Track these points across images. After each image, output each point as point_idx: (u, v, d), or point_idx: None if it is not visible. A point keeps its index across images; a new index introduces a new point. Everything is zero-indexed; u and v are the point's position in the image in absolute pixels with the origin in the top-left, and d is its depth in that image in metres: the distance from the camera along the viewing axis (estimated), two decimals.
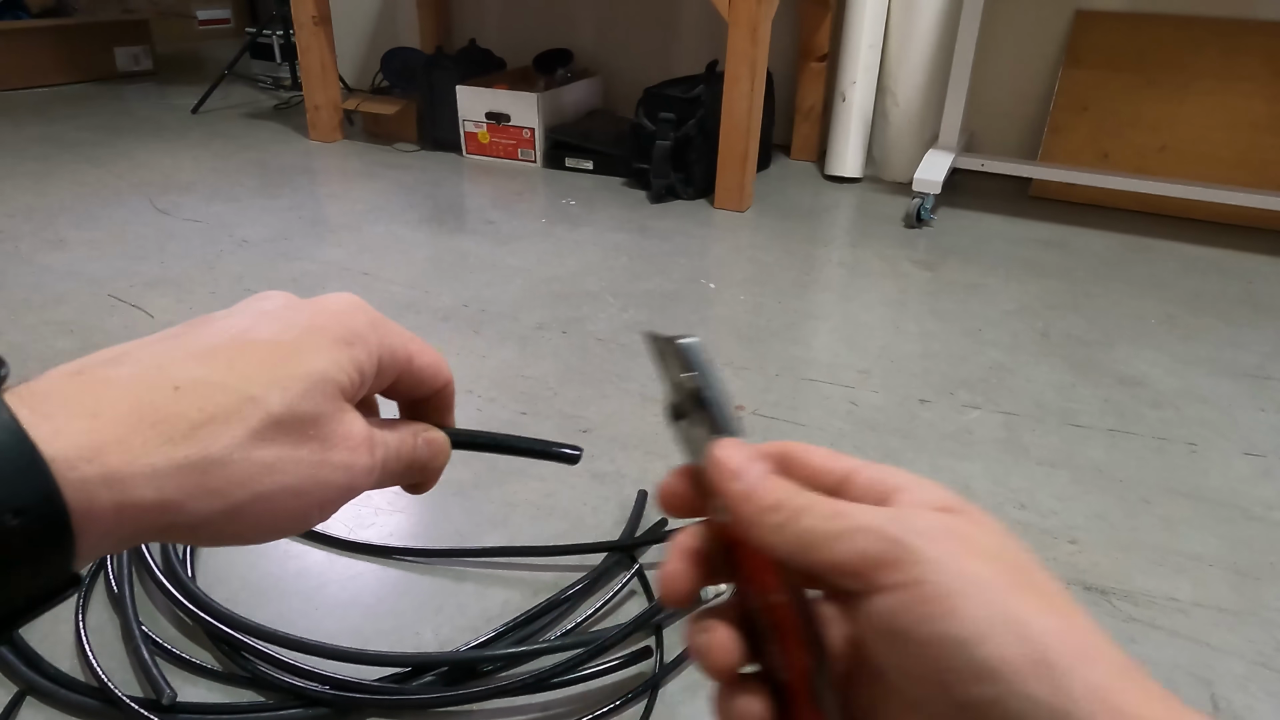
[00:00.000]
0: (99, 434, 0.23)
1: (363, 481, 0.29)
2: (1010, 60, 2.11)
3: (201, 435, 0.24)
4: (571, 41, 2.55)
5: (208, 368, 0.25)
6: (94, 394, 0.23)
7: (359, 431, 0.28)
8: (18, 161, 2.10)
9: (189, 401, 0.24)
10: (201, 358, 0.26)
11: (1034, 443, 1.06)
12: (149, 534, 0.24)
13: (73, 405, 0.23)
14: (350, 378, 0.28)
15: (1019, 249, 1.73)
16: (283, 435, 0.25)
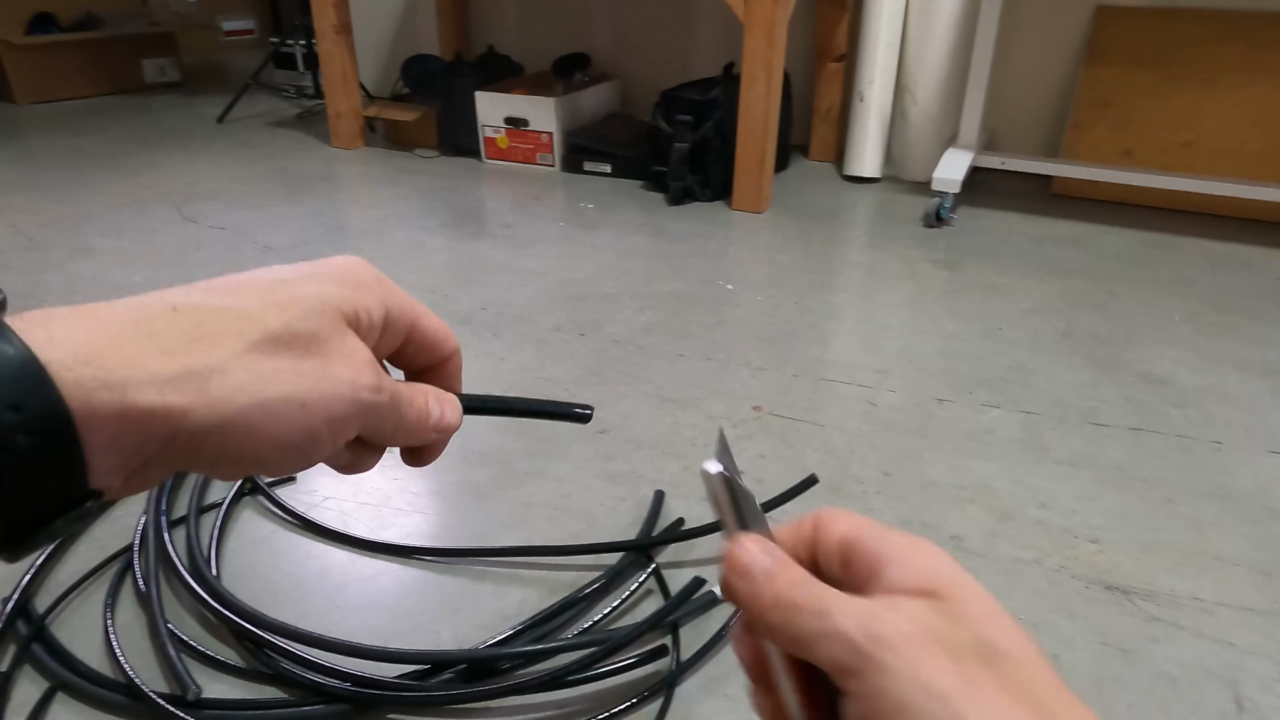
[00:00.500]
0: (95, 342, 0.23)
1: (370, 399, 0.28)
2: (1031, 57, 2.09)
3: (199, 346, 0.24)
4: (589, 46, 2.56)
5: (206, 296, 0.26)
6: (91, 312, 0.24)
7: (364, 353, 0.28)
8: (49, 172, 2.14)
9: (187, 318, 0.25)
10: (202, 290, 0.26)
11: (1055, 442, 1.05)
12: (155, 446, 0.24)
13: (70, 319, 0.23)
14: (354, 309, 0.28)
15: (1040, 247, 1.71)
16: (282, 349, 0.26)
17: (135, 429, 0.23)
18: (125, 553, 0.84)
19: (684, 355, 1.27)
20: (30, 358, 0.21)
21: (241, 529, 0.90)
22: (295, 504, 0.92)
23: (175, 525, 0.88)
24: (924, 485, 0.97)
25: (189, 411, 0.24)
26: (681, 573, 0.84)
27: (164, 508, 0.89)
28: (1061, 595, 0.81)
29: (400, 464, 0.97)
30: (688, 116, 1.92)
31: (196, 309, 0.25)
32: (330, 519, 0.91)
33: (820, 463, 1.01)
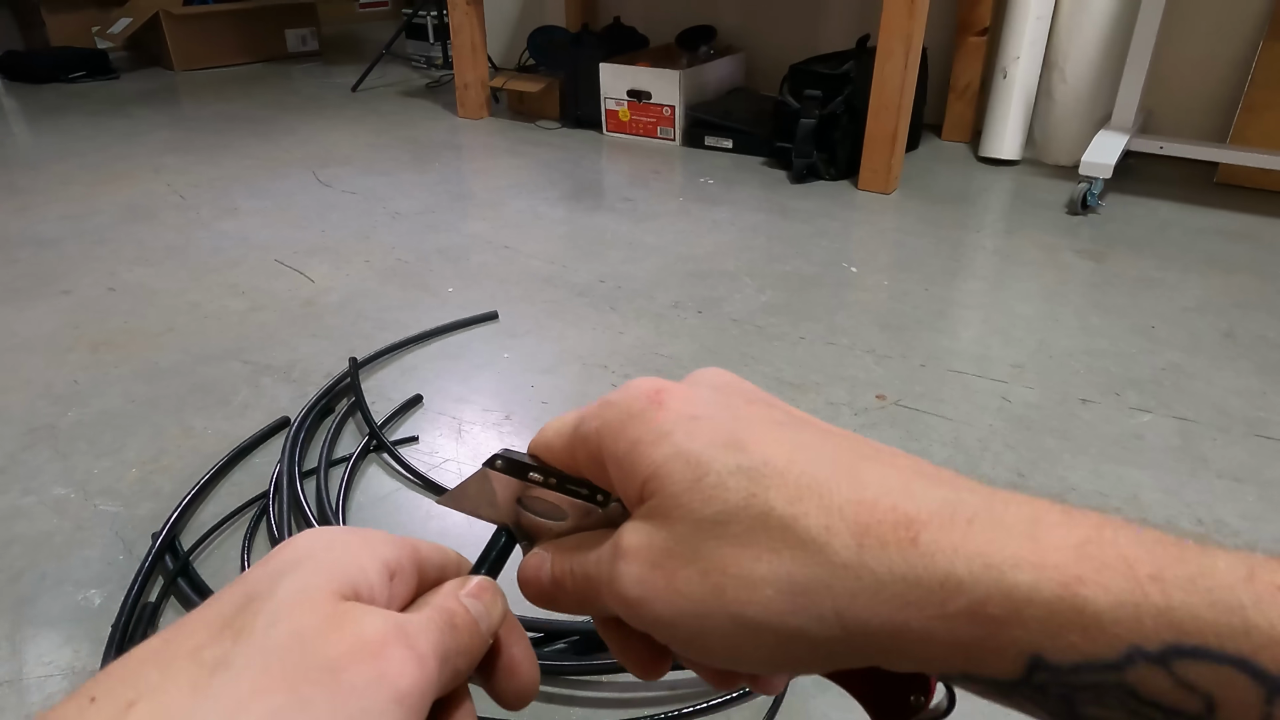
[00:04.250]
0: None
1: (417, 683, 0.20)
2: (1200, 31, 1.91)
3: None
4: (715, 18, 2.51)
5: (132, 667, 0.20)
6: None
7: (374, 625, 0.21)
8: (200, 135, 2.28)
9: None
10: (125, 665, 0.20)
11: (1215, 454, 0.96)
12: None
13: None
14: (346, 579, 0.22)
15: (1201, 240, 1.57)
16: (266, 694, 0.19)
17: None
18: (261, 499, 0.88)
19: (804, 338, 1.23)
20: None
21: (367, 484, 0.93)
22: (417, 464, 0.95)
23: (307, 476, 0.92)
24: (1064, 490, 0.90)
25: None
26: None
27: (297, 459, 0.92)
28: None
29: (519, 429, 0.97)
30: (816, 91, 1.86)
31: (123, 680, 0.19)
32: (450, 480, 0.92)
33: (949, 459, 0.95)
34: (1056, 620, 0.17)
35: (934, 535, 0.19)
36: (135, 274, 1.43)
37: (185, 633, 0.20)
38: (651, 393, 0.24)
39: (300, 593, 0.20)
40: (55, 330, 1.24)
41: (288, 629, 0.19)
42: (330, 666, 0.19)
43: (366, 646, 0.20)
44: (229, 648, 0.19)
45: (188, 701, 0.18)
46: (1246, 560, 0.17)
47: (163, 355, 1.18)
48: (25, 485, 0.91)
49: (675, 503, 0.22)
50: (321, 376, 1.11)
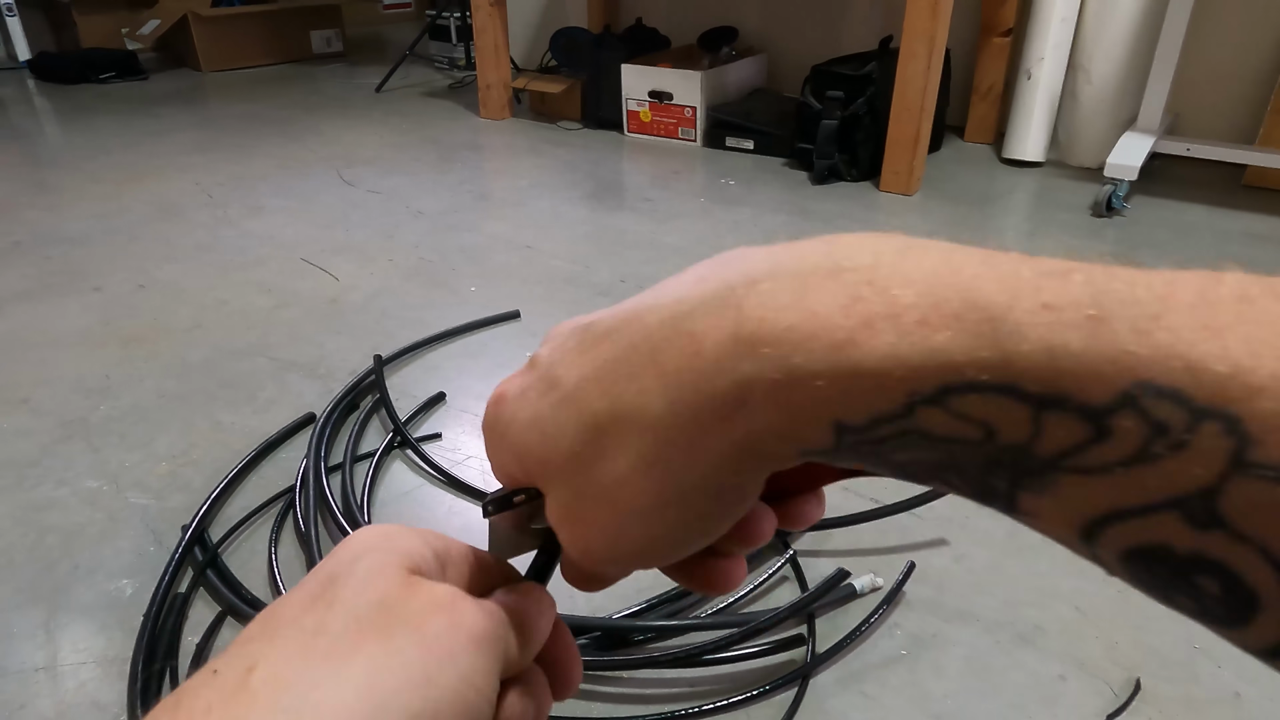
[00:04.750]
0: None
1: (490, 631, 0.23)
2: (1228, 33, 1.89)
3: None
4: (737, 19, 2.51)
5: (242, 647, 0.22)
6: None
7: (444, 592, 0.23)
8: (227, 135, 2.31)
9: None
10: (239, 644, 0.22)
11: None
12: None
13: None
14: (407, 555, 0.24)
15: (1229, 244, 1.55)
16: (351, 648, 0.21)
17: None
18: (287, 493, 0.90)
19: None
20: None
21: (391, 480, 0.94)
22: (440, 460, 0.96)
23: (332, 471, 0.93)
24: None
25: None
26: (818, 562, 0.81)
27: (323, 454, 0.94)
28: None
29: None
30: (839, 92, 1.85)
31: (238, 655, 0.21)
32: (473, 477, 0.93)
33: None
34: (839, 384, 0.18)
35: (716, 342, 0.19)
36: (164, 271, 1.46)
37: (282, 610, 0.22)
38: (492, 401, 0.25)
39: (377, 567, 0.23)
40: (87, 326, 1.27)
41: (372, 595, 0.22)
42: (413, 621, 0.22)
43: (439, 602, 0.22)
44: (324, 615, 0.22)
45: (298, 661, 0.21)
46: (1013, 282, 0.17)
47: (192, 351, 1.20)
48: (59, 478, 0.93)
49: (542, 468, 0.23)
50: (346, 373, 1.13)
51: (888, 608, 0.75)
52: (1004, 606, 0.76)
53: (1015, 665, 0.70)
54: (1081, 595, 0.77)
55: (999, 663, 0.70)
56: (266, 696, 0.20)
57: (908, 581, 0.78)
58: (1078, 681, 0.68)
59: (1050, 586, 0.78)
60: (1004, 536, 0.84)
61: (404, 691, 0.20)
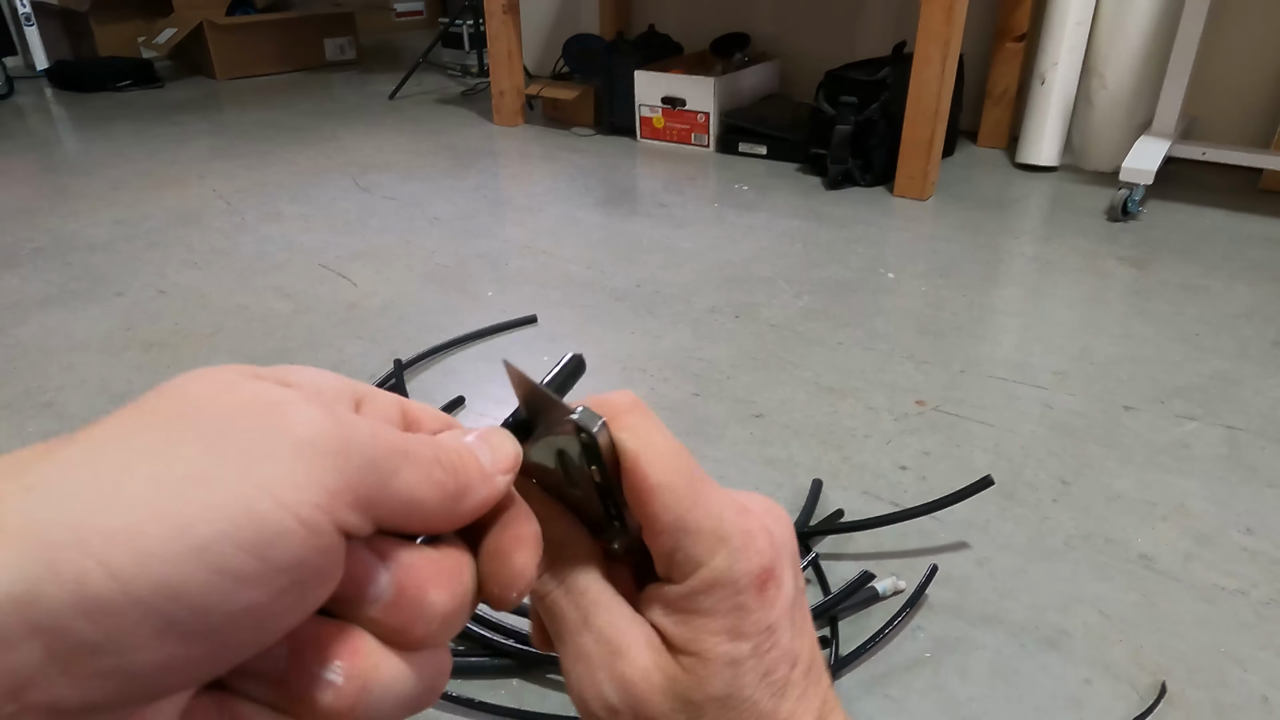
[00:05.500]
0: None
1: (341, 431, 0.18)
2: (1244, 37, 1.89)
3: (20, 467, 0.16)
4: (750, 25, 2.52)
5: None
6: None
7: (303, 391, 0.19)
8: (244, 143, 2.33)
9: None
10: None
11: (1265, 462, 0.95)
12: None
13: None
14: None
15: (1247, 248, 1.55)
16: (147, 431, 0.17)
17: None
18: None
19: (843, 344, 1.23)
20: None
21: None
22: None
23: None
24: (1109, 498, 0.90)
25: (35, 585, 0.14)
26: (840, 565, 0.81)
27: None
28: (1272, 632, 0.73)
29: None
30: (852, 97, 1.86)
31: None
32: None
33: (990, 464, 0.95)
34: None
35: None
36: (184, 277, 1.47)
37: (109, 419, 0.17)
38: (763, 574, 0.24)
39: (202, 371, 0.18)
40: (109, 331, 1.28)
41: (174, 396, 0.17)
42: (213, 416, 0.17)
43: (265, 400, 0.17)
44: (122, 414, 0.17)
45: (47, 448, 0.16)
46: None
47: (212, 355, 1.21)
48: None
49: (697, 701, 0.24)
50: (366, 378, 1.14)
51: (911, 611, 0.75)
52: (1028, 610, 0.75)
53: (1040, 669, 0.70)
54: (1106, 600, 0.76)
55: (1024, 667, 0.70)
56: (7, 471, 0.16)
57: (930, 584, 0.77)
58: (1103, 686, 0.68)
59: (1074, 591, 0.77)
60: (1026, 541, 0.84)
61: (158, 487, 0.15)
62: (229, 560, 0.15)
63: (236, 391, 0.18)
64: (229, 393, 0.17)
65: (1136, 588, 0.78)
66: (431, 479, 0.19)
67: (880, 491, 0.91)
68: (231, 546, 0.15)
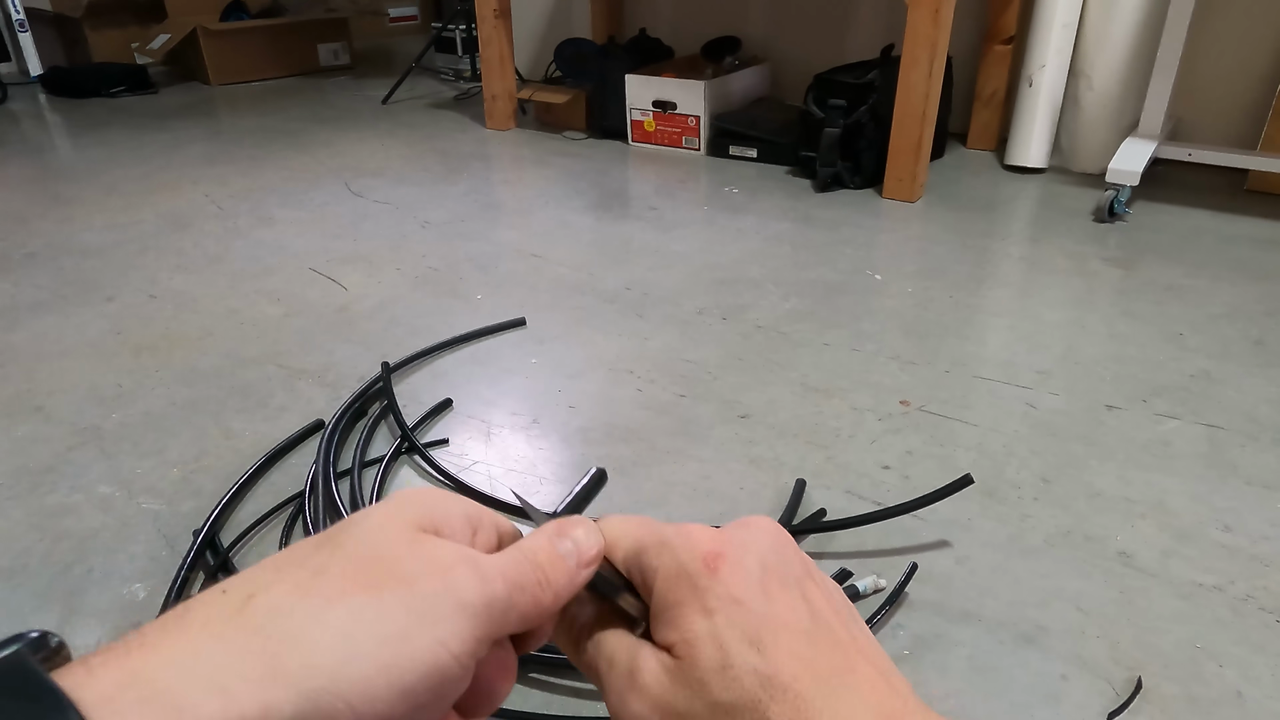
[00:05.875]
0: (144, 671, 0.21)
1: (479, 597, 0.24)
2: (1230, 38, 1.90)
3: (250, 615, 0.22)
4: (741, 29, 2.53)
5: (257, 571, 0.24)
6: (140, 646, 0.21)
7: (450, 552, 0.25)
8: (238, 148, 2.33)
9: (235, 592, 0.23)
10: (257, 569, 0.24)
11: (1244, 460, 0.96)
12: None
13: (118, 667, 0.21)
14: (427, 516, 0.26)
15: (1231, 248, 1.56)
16: (356, 588, 0.23)
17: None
18: (297, 498, 0.91)
19: (829, 345, 1.24)
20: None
21: (399, 485, 0.95)
22: (448, 466, 0.97)
23: (341, 476, 0.94)
24: (1090, 495, 0.90)
25: (267, 708, 0.20)
26: (822, 564, 0.82)
27: (332, 460, 0.95)
28: (1248, 627, 0.74)
29: (546, 433, 1.00)
30: (841, 100, 1.87)
31: (246, 580, 0.23)
32: (479, 482, 0.94)
33: (973, 463, 0.96)
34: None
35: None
36: (176, 281, 1.48)
37: (296, 548, 0.24)
38: (709, 556, 0.28)
39: (384, 521, 0.25)
40: (100, 335, 1.29)
41: (372, 548, 0.24)
42: (406, 578, 0.23)
43: (437, 564, 0.24)
44: (326, 559, 0.24)
45: (293, 595, 0.22)
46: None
47: (203, 359, 1.21)
48: (73, 484, 0.95)
49: (699, 679, 0.26)
50: (355, 380, 1.14)
51: (891, 608, 0.76)
52: (1007, 607, 0.76)
53: (1018, 665, 0.71)
54: (1084, 596, 0.77)
55: (1002, 662, 0.71)
56: (258, 620, 0.22)
57: (911, 582, 0.78)
58: (1080, 681, 0.69)
59: (1053, 587, 0.78)
60: (1006, 539, 0.85)
61: (379, 643, 0.22)
62: (420, 697, 0.22)
63: (416, 551, 0.24)
64: (410, 552, 0.24)
65: (1115, 584, 0.79)
66: (537, 603, 0.26)
67: (863, 491, 0.92)
68: (423, 688, 0.22)
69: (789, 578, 0.28)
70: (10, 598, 0.79)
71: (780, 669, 0.25)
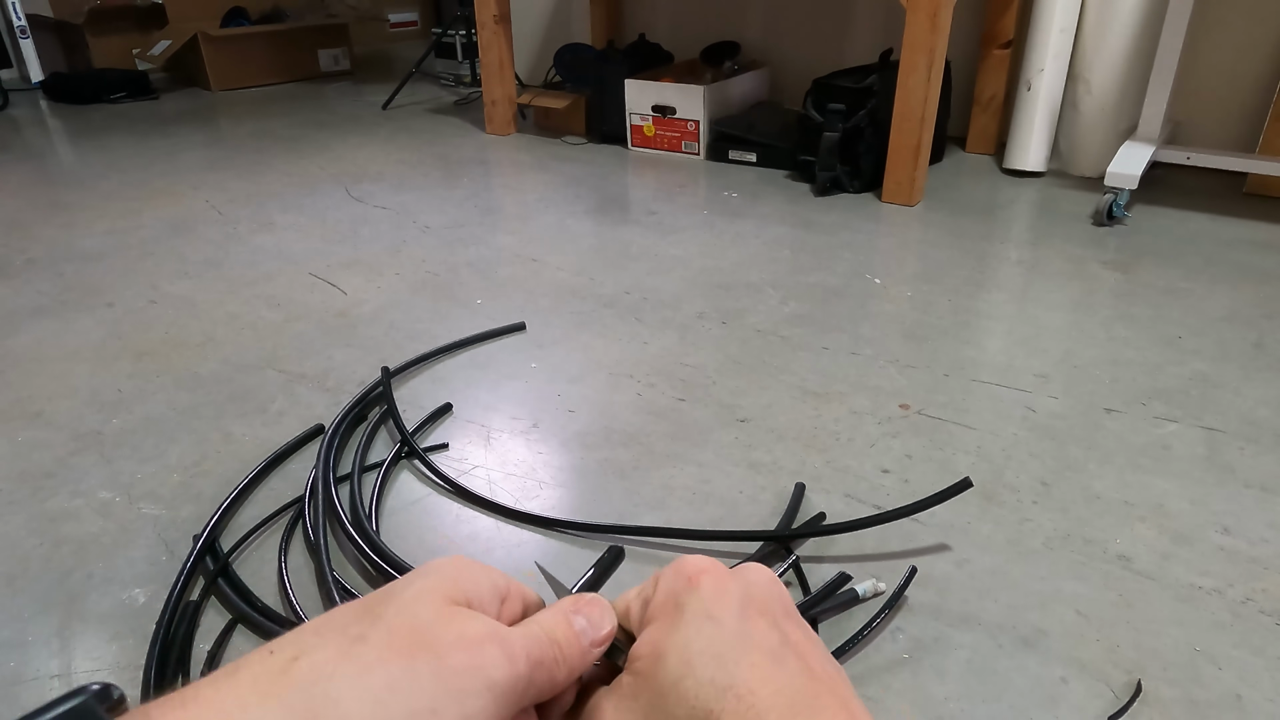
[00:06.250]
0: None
1: (505, 675, 0.25)
2: (1228, 42, 1.91)
3: (293, 680, 0.24)
4: (740, 34, 2.54)
5: (298, 635, 0.26)
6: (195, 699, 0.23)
7: (480, 626, 0.26)
8: (238, 153, 2.34)
9: (281, 655, 0.25)
10: (296, 633, 0.26)
11: (1242, 463, 0.96)
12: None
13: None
14: (459, 590, 0.27)
15: (1230, 251, 1.56)
16: (390, 655, 0.25)
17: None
18: (297, 503, 0.91)
19: (828, 348, 1.24)
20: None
21: (399, 489, 0.95)
22: (447, 470, 0.97)
23: (341, 481, 0.94)
24: (1088, 499, 0.90)
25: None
26: (821, 568, 0.82)
27: (331, 464, 0.95)
28: (1247, 630, 0.74)
29: (545, 438, 1.00)
30: (840, 105, 1.87)
31: (292, 643, 0.25)
32: (479, 486, 0.95)
33: (972, 467, 0.96)
34: None
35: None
36: (176, 287, 1.48)
37: (339, 614, 0.26)
38: (694, 573, 0.29)
39: (422, 593, 0.26)
40: (100, 341, 1.29)
41: (411, 619, 0.25)
42: (440, 651, 0.25)
43: (468, 640, 0.25)
44: (367, 627, 0.25)
45: (335, 660, 0.24)
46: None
47: (203, 365, 1.21)
48: (74, 489, 0.95)
49: (657, 691, 0.27)
50: (354, 385, 1.14)
51: (890, 612, 0.76)
52: (1006, 610, 0.76)
53: (1017, 668, 0.71)
54: (1083, 599, 0.77)
55: (1001, 666, 0.71)
56: (301, 681, 0.23)
57: (910, 586, 0.78)
58: (1079, 684, 0.69)
59: (1052, 590, 0.78)
60: (1005, 542, 0.85)
61: (410, 714, 0.23)
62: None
63: (450, 625, 0.25)
64: (444, 626, 0.25)
65: (1113, 587, 0.79)
66: (552, 679, 0.27)
67: (862, 494, 0.92)
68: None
69: (768, 611, 0.29)
70: (10, 602, 0.79)
71: (738, 682, 0.26)
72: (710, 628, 0.27)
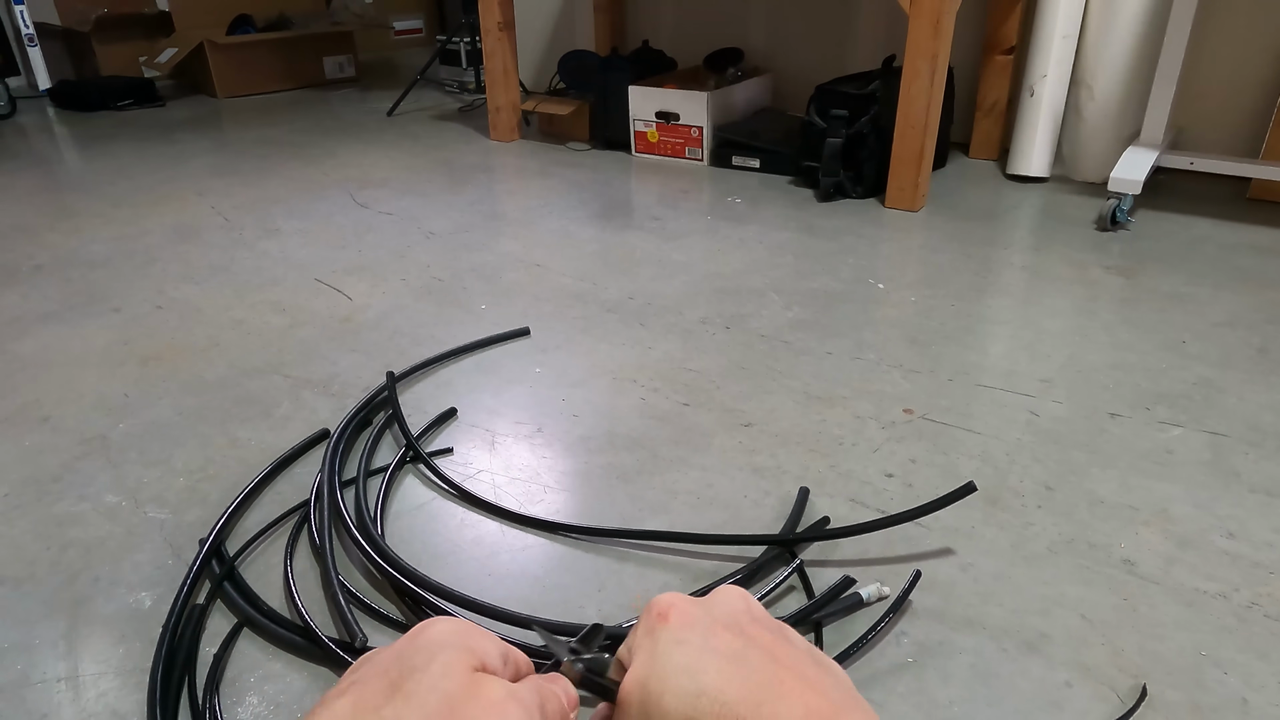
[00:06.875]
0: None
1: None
2: (1230, 48, 1.91)
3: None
4: (743, 41, 2.55)
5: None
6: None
7: (499, 689, 0.30)
8: (244, 160, 2.35)
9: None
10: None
11: (1247, 468, 0.96)
12: None
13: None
14: (477, 655, 0.31)
15: (1233, 256, 1.56)
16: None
17: None
18: (302, 507, 0.91)
19: (832, 353, 1.24)
20: None
21: (404, 493, 0.95)
22: (452, 474, 0.97)
23: (346, 485, 0.95)
24: (1092, 503, 0.90)
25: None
26: (825, 572, 0.82)
27: (337, 469, 0.95)
28: (1252, 634, 0.74)
29: (550, 442, 1.00)
30: (843, 111, 1.88)
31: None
32: (484, 491, 0.95)
33: (976, 471, 0.96)
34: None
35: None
36: (182, 292, 1.49)
37: (367, 693, 0.29)
38: (662, 610, 0.33)
39: (449, 667, 0.30)
40: (107, 346, 1.29)
41: (441, 694, 0.29)
42: (462, 714, 0.28)
43: (494, 704, 0.29)
44: (400, 707, 0.28)
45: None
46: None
47: (208, 369, 1.22)
48: (80, 493, 0.95)
49: (645, 714, 0.30)
50: (360, 390, 1.15)
51: (894, 616, 0.76)
52: (1010, 615, 0.76)
53: (1021, 673, 0.71)
54: (1087, 604, 0.77)
55: (1005, 670, 0.71)
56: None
57: (914, 590, 0.78)
58: (1084, 688, 0.69)
59: (1056, 595, 0.78)
60: (1009, 546, 0.85)
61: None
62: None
63: (476, 693, 0.29)
64: (472, 696, 0.29)
65: (1118, 591, 0.79)
66: (564, 716, 0.32)
67: (866, 499, 0.92)
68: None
69: (734, 624, 0.33)
70: (17, 606, 0.79)
71: (708, 687, 0.29)
72: (679, 650, 0.31)
